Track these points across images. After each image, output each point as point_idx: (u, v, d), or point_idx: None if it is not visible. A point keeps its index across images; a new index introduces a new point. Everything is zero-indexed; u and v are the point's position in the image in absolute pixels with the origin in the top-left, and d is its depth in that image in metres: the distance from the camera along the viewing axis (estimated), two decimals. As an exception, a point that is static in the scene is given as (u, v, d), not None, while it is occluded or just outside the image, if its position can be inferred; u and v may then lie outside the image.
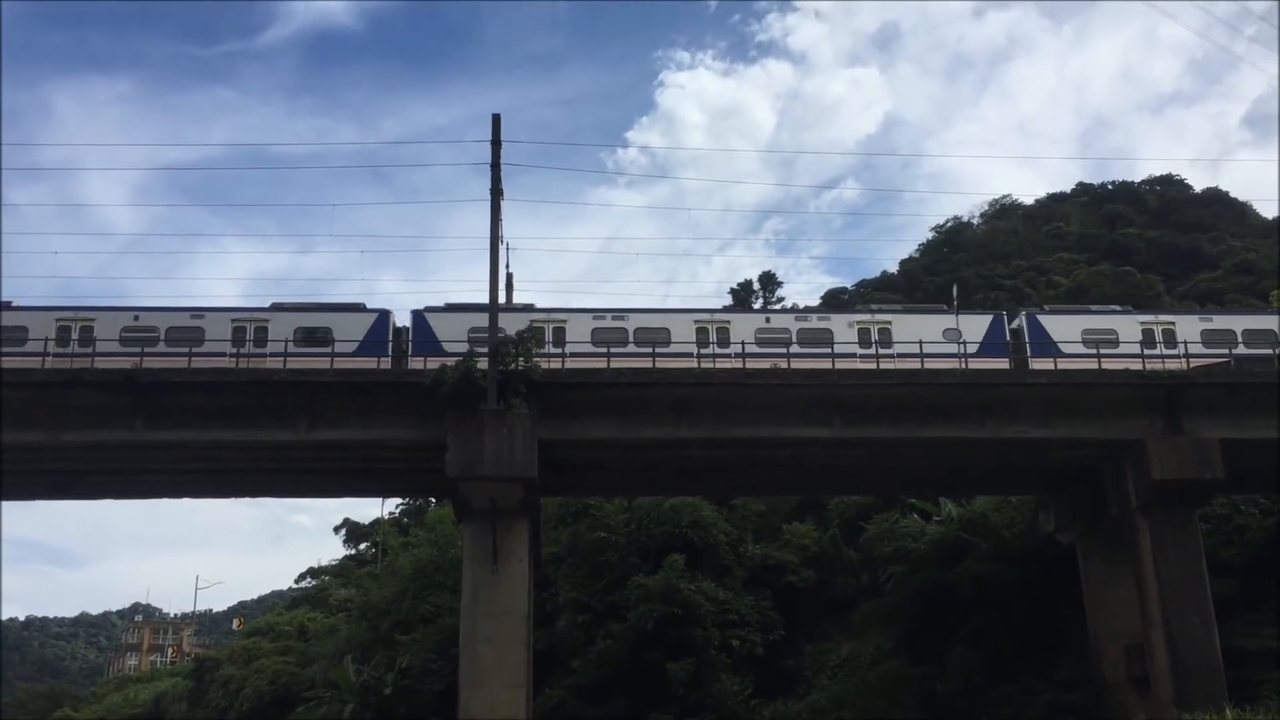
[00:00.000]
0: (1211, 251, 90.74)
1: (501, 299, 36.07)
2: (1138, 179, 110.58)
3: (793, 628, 48.39)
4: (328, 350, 36.34)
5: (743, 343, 37.88)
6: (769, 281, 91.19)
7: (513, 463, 32.26)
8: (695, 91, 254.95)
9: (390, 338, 37.79)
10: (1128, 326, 40.26)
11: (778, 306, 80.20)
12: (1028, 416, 35.63)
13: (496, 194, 35.03)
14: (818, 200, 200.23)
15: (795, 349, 38.18)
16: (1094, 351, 37.73)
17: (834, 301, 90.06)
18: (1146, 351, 38.17)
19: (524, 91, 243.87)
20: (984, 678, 40.30)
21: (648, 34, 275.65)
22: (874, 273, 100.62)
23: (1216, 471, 34.46)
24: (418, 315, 38.35)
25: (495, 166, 35.21)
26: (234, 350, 36.49)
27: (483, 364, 33.05)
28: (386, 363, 36.96)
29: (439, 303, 38.95)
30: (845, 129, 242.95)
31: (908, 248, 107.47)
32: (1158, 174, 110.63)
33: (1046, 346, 38.74)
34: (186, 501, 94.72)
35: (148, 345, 36.20)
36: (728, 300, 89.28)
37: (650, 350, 36.71)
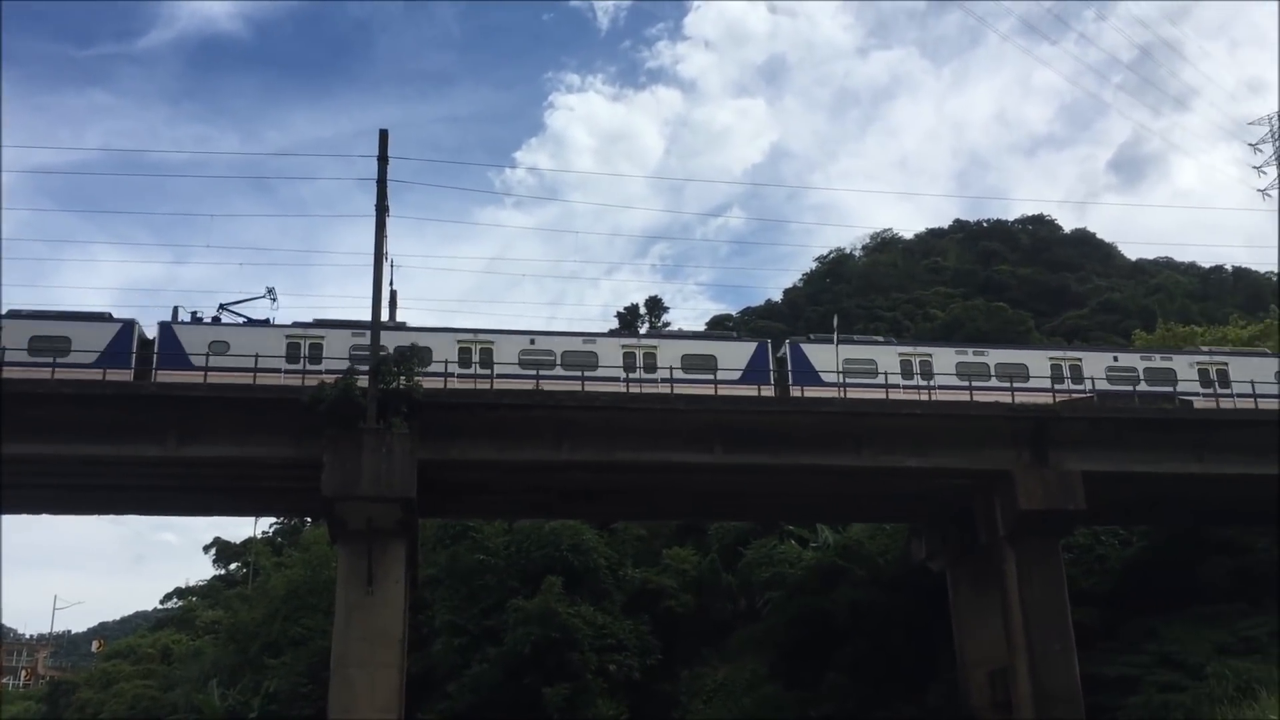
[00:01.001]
0: (1079, 290, 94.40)
1: (385, 316, 35.55)
2: (1011, 218, 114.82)
3: (670, 652, 48.54)
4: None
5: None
6: (655, 306, 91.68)
7: (391, 483, 31.65)
8: (585, 115, 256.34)
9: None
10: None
11: (702, 329, 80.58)
12: (903, 446, 36.36)
13: (382, 210, 34.49)
14: (705, 227, 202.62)
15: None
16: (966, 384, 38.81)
17: (720, 328, 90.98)
18: (1016, 385, 39.31)
19: (413, 108, 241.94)
20: (857, 703, 40.96)
21: (539, 55, 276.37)
22: (758, 300, 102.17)
23: (1079, 502, 35.66)
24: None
25: (381, 182, 34.69)
26: None
27: (364, 382, 32.44)
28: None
29: (308, 317, 38.07)
30: (733, 158, 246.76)
31: (792, 277, 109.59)
32: (1030, 214, 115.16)
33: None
34: (45, 517, 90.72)
35: None
36: (613, 324, 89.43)
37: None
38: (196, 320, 37.49)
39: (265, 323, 37.96)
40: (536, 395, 35.12)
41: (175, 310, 37.50)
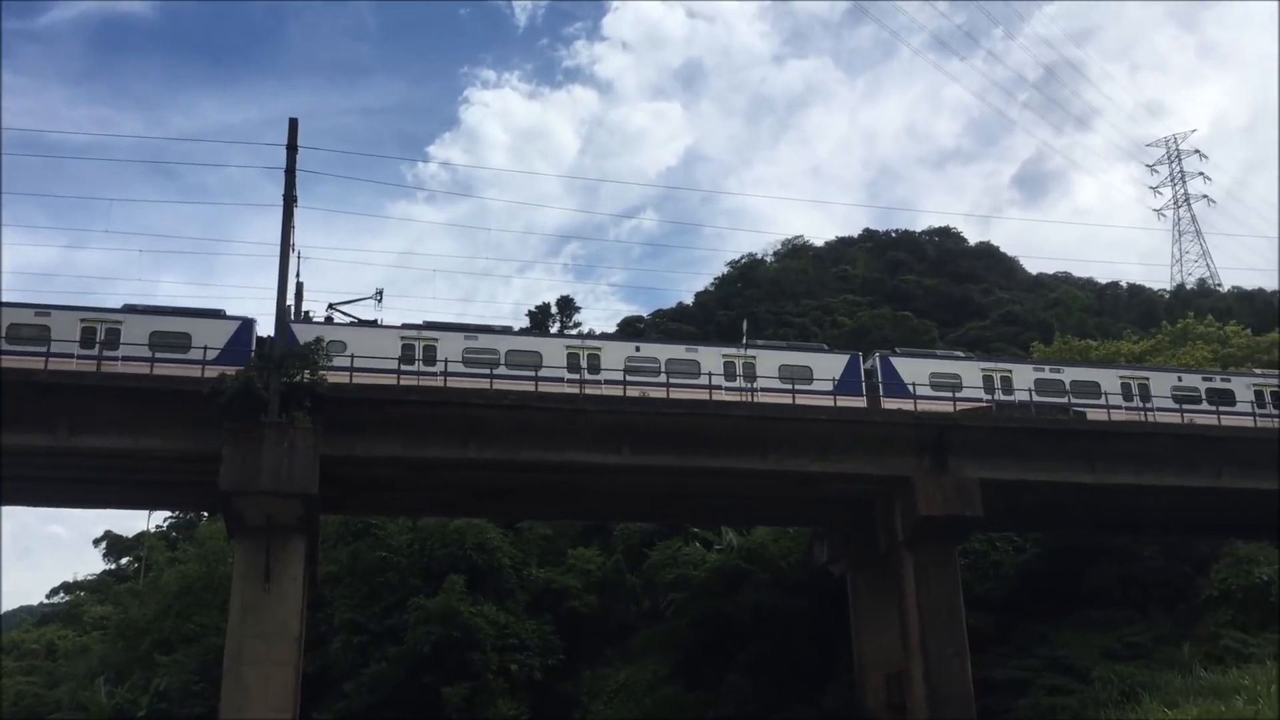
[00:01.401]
0: (982, 301, 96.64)
1: (290, 309, 34.93)
2: (919, 229, 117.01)
3: (573, 652, 48.49)
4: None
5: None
6: (567, 306, 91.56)
7: (292, 478, 31.06)
8: (500, 111, 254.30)
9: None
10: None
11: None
12: (809, 451, 36.82)
13: (290, 200, 33.89)
14: (618, 228, 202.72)
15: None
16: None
17: (630, 330, 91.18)
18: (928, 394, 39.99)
19: (325, 98, 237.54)
20: (757, 705, 41.36)
21: (455, 50, 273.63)
22: (670, 303, 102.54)
23: (976, 509, 36.50)
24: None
25: (290, 172, 34.10)
26: None
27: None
28: None
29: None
30: (648, 160, 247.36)
31: (704, 280, 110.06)
32: (937, 226, 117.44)
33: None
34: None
35: None
36: (525, 322, 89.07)
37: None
38: (309, 318, 37.77)
39: (374, 324, 37.97)
40: (444, 392, 34.84)
41: (289, 309, 36.44)
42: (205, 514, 62.44)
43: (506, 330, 41.23)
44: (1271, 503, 40.72)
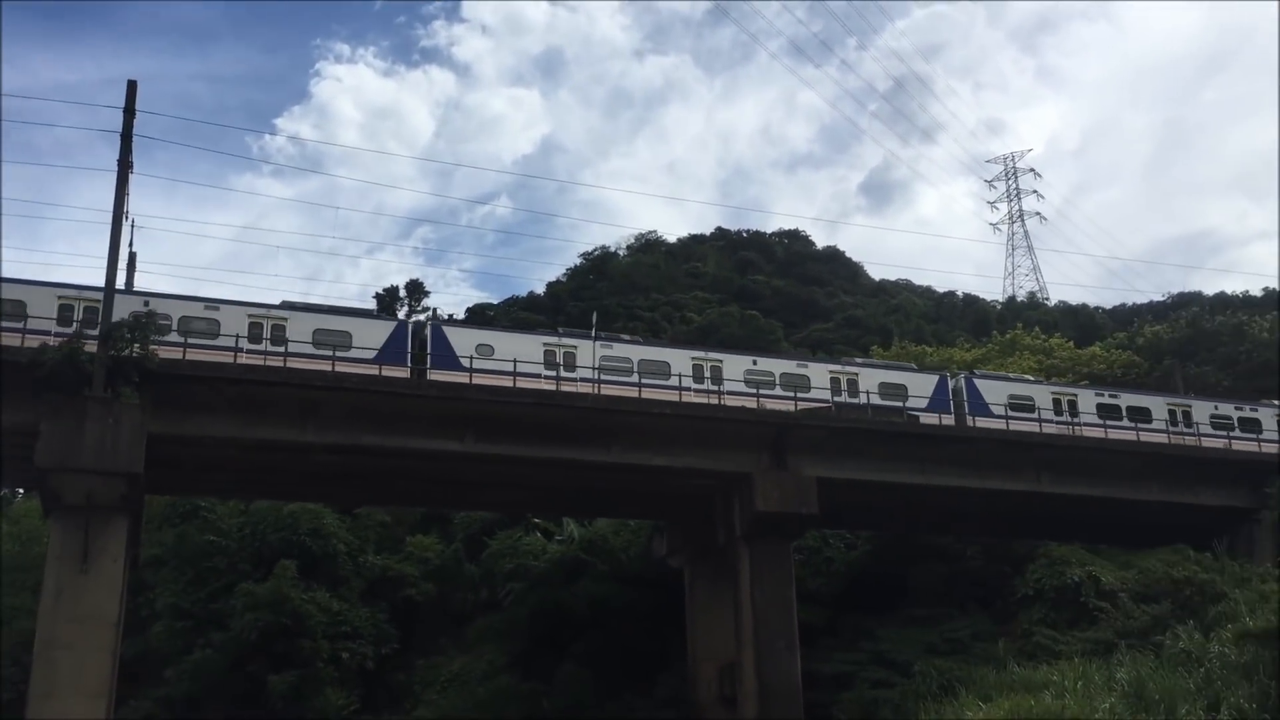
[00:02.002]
0: (826, 304, 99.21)
1: (121, 281, 33.42)
2: (769, 230, 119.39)
3: (408, 641, 47.84)
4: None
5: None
6: (416, 290, 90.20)
7: (116, 456, 29.70)
8: (353, 87, 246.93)
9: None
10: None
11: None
12: (653, 445, 37.14)
13: (125, 166, 32.29)
14: (471, 214, 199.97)
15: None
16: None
17: (480, 318, 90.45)
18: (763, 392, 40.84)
19: (168, 62, 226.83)
20: (591, 695, 41.53)
21: (308, 20, 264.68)
22: (522, 291, 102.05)
23: (812, 507, 37.44)
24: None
25: (126, 137, 32.49)
26: None
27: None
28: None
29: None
30: (504, 146, 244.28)
31: (556, 271, 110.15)
32: (787, 228, 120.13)
33: None
34: None
35: None
36: (372, 304, 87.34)
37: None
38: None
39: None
40: (282, 372, 33.83)
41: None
42: (20, 491, 59.17)
43: (366, 313, 40.75)
44: (1084, 507, 43.13)
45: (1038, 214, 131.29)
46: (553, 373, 38.14)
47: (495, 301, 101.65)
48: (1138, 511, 43.61)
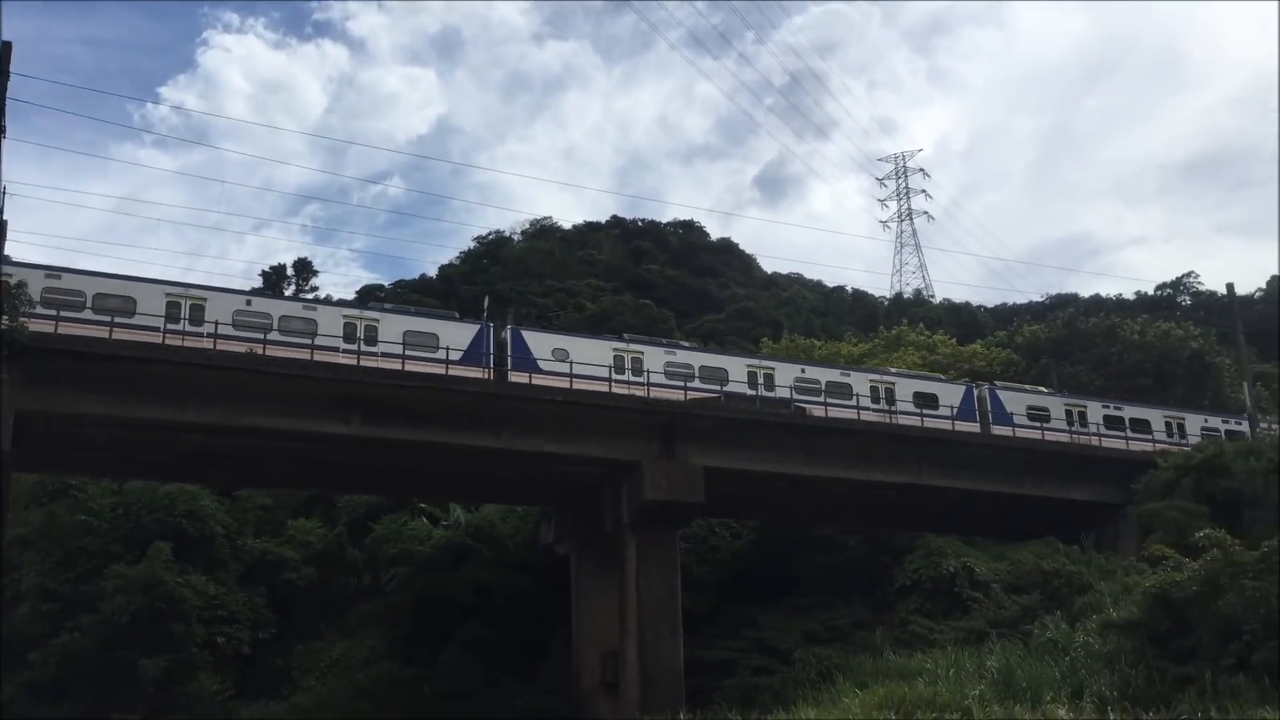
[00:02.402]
0: (719, 296, 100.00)
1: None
2: (664, 220, 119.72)
3: (286, 626, 46.88)
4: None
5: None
6: (304, 269, 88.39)
7: (-20, 432, 28.56)
8: (242, 57, 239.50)
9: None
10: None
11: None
12: (543, 431, 37.06)
13: (-2, 129, 30.91)
14: (363, 193, 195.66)
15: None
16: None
17: (369, 299, 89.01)
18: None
19: (46, 24, 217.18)
20: (473, 681, 41.32)
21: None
22: (413, 273, 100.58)
23: (699, 496, 37.82)
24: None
25: (-1, 99, 31.10)
26: None
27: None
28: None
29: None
30: (398, 125, 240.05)
31: (449, 254, 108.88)
32: (682, 218, 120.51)
33: None
34: None
35: None
36: (257, 282, 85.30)
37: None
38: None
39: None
40: (162, 349, 32.87)
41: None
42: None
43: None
44: (963, 500, 44.38)
45: (926, 213, 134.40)
46: (622, 376, 40.01)
47: (386, 283, 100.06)
48: (1014, 505, 45.06)
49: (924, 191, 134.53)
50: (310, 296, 71.77)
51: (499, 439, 36.57)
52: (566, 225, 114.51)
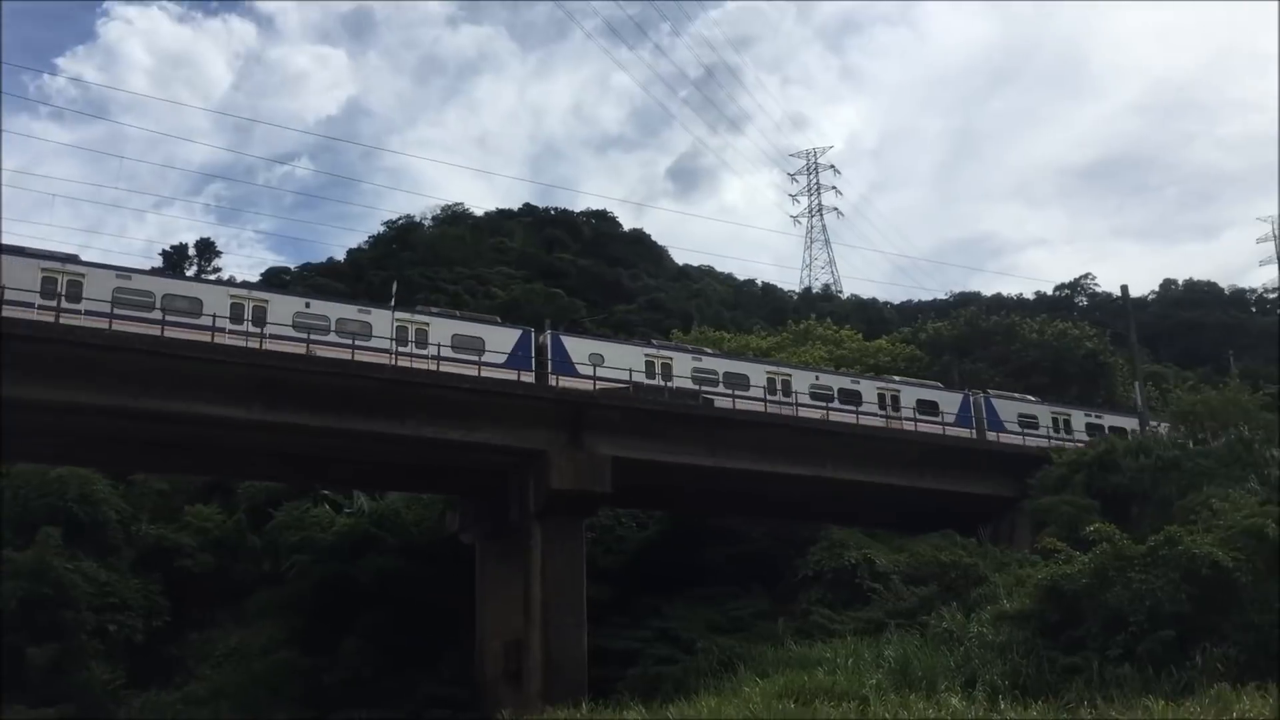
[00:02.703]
0: (631, 286, 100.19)
1: None
2: (577, 209, 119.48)
3: (182, 614, 45.81)
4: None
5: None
6: (206, 249, 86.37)
7: None
8: (145, 30, 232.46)
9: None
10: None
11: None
12: (450, 419, 36.72)
13: (-119, 93, 29.63)
14: (269, 173, 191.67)
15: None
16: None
17: (276, 282, 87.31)
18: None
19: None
20: (374, 671, 40.80)
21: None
22: (320, 257, 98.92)
23: (606, 485, 37.86)
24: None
25: (-117, 61, 29.80)
26: None
27: None
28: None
29: None
30: (307, 106, 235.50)
31: (358, 238, 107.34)
32: (595, 208, 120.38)
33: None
34: None
35: None
36: (156, 261, 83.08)
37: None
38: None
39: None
40: (55, 329, 31.81)
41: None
42: None
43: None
44: (866, 492, 45.14)
45: (836, 210, 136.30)
46: (654, 380, 42.68)
47: (292, 266, 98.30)
48: (916, 498, 45.95)
49: (834, 188, 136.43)
50: (214, 278, 70.17)
51: (404, 425, 36.15)
52: (478, 212, 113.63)
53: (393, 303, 40.95)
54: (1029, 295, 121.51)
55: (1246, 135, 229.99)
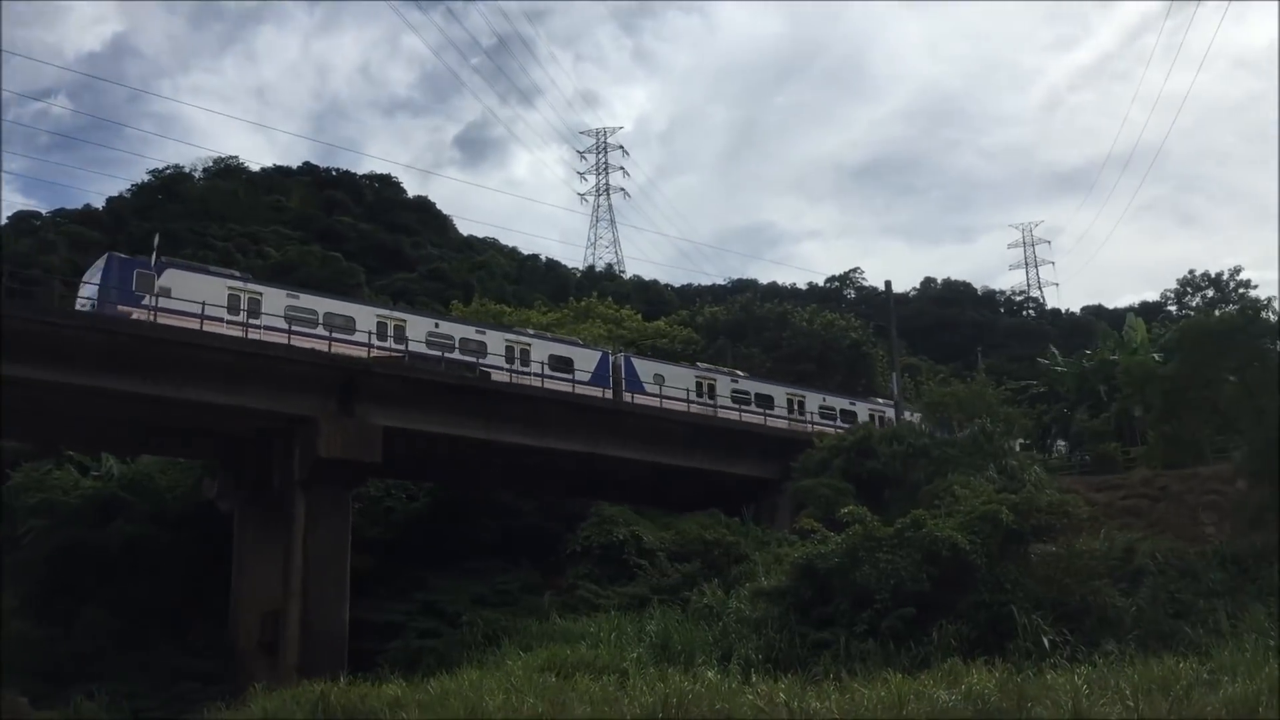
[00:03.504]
0: (412, 254, 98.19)
1: None
2: (360, 172, 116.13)
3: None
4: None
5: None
6: (-56, 187, 79.22)
7: None
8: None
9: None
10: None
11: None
12: (212, 381, 35.02)
13: None
14: (21, 109, 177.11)
15: None
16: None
17: (25, 227, 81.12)
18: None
19: None
20: (117, 642, 38.59)
21: None
22: (77, 203, 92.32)
23: (376, 455, 37.00)
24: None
25: None
26: None
27: None
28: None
29: None
30: (67, 40, 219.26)
31: (120, 185, 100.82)
32: (379, 171, 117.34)
33: None
34: None
35: None
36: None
37: None
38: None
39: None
40: None
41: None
42: None
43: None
44: (638, 470, 45.89)
45: (623, 190, 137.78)
46: (701, 400, 49.64)
47: (44, 211, 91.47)
48: (685, 477, 47.03)
49: (622, 169, 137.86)
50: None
51: (160, 386, 34.24)
52: (254, 167, 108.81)
53: (155, 257, 38.61)
54: (802, 285, 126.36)
55: (1005, 146, 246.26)
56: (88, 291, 37.70)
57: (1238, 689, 14.68)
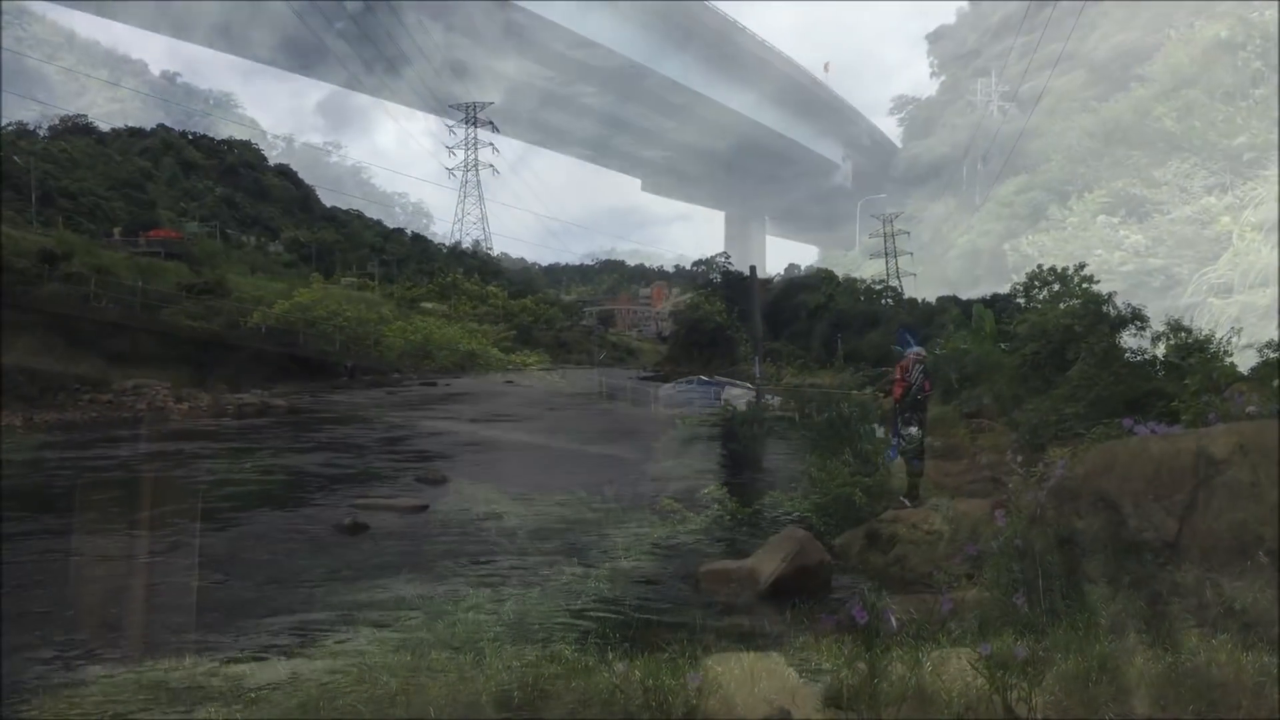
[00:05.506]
0: (273, 225, 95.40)
1: None
2: (219, 137, 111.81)
3: None
4: None
5: None
6: None
7: None
8: None
9: None
10: None
11: None
12: None
13: None
14: None
15: None
16: None
17: None
18: None
19: None
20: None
21: None
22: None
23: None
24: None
25: None
26: None
27: None
28: None
29: None
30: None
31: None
32: (239, 137, 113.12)
33: None
34: None
35: None
36: None
37: None
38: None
39: None
40: None
41: None
42: None
43: None
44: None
45: (491, 166, 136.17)
46: None
47: None
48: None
49: (491, 145, 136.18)
50: None
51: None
52: (104, 127, 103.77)
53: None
54: (669, 268, 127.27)
55: (870, 137, 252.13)
56: None
57: (1070, 665, 15.43)
